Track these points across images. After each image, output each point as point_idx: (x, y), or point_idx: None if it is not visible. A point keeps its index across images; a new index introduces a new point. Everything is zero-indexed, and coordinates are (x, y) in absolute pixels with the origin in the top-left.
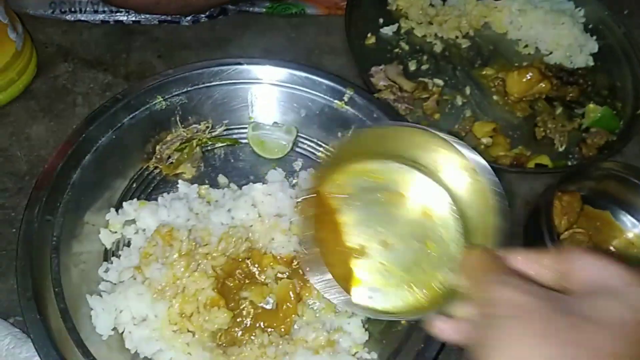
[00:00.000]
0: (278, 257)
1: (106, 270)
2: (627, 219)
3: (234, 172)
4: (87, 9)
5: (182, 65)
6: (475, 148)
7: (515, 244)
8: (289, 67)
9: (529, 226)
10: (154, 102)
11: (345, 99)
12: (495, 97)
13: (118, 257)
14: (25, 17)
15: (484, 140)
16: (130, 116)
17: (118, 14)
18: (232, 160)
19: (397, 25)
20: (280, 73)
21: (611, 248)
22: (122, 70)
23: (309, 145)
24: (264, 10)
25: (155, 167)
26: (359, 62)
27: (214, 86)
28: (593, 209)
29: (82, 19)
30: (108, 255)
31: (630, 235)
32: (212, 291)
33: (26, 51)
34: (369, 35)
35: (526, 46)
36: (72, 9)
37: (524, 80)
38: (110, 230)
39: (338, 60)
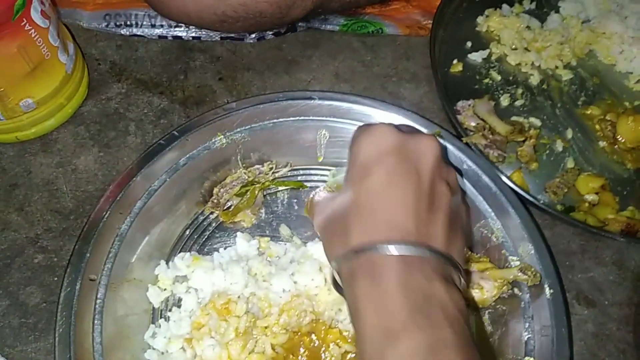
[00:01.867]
0: (345, 333)
1: (153, 335)
2: None
3: (297, 221)
4: (144, 22)
5: (246, 96)
6: (577, 207)
7: (623, 330)
8: (365, 104)
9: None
10: (213, 140)
11: None
12: (601, 144)
13: (167, 319)
14: (77, 30)
15: (589, 198)
16: (187, 155)
17: (177, 29)
18: (296, 207)
19: (487, 50)
20: (355, 110)
21: None
22: (180, 94)
23: None
24: (338, 28)
25: (211, 212)
26: (443, 94)
27: (280, 122)
28: None
29: (138, 33)
30: (156, 316)
31: None
32: None
33: (77, 73)
34: (455, 61)
35: (638, 81)
36: (128, 23)
37: (639, 127)
38: (160, 287)
39: (419, 89)
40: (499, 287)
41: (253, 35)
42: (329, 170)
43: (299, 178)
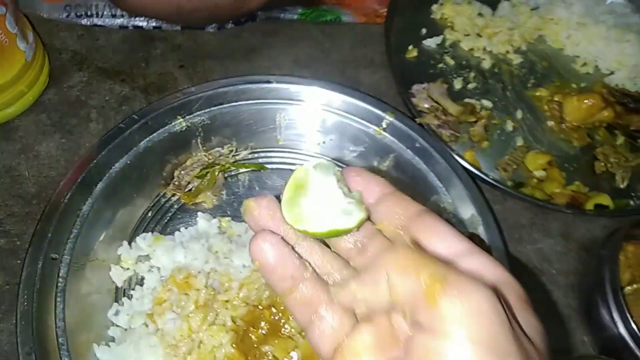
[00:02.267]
0: None
1: (116, 313)
2: None
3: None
4: (105, 12)
5: (206, 81)
6: (527, 182)
7: (569, 296)
8: (322, 86)
9: (586, 277)
10: (173, 123)
11: (384, 124)
12: (549, 123)
13: (129, 297)
14: (38, 20)
15: (537, 174)
16: (148, 139)
17: (138, 19)
18: (257, 188)
19: (441, 37)
20: (313, 93)
21: None
22: (141, 81)
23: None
24: (296, 17)
25: (173, 194)
26: (399, 79)
27: (239, 106)
28: None
29: (99, 23)
30: (119, 294)
31: None
32: (231, 347)
33: (37, 61)
34: (410, 47)
35: (585, 64)
36: (89, 13)
37: (584, 107)
38: (122, 267)
39: (376, 74)
40: None
41: (213, 24)
42: (289, 152)
43: (260, 160)
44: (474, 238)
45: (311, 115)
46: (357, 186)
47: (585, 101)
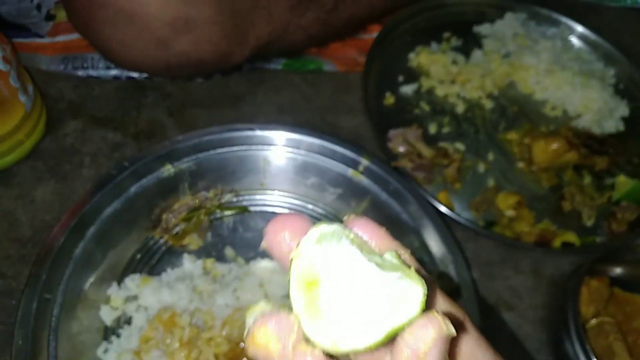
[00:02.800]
0: None
1: (105, 351)
2: None
3: (242, 243)
4: (100, 65)
5: (192, 129)
6: (498, 221)
7: (538, 330)
8: (302, 132)
9: (553, 312)
10: (162, 169)
11: (361, 168)
12: (519, 165)
13: (118, 336)
14: (37, 71)
15: (508, 213)
16: (137, 184)
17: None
18: (241, 230)
19: (417, 83)
20: (293, 139)
21: None
22: (132, 129)
23: (320, 215)
24: (280, 66)
25: (161, 237)
26: (376, 124)
27: (224, 152)
28: (623, 292)
29: (94, 75)
30: (108, 333)
31: None
32: None
33: (36, 111)
34: (388, 94)
35: (553, 108)
36: (85, 65)
37: (551, 149)
38: (112, 307)
39: (355, 119)
40: None
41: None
42: (271, 194)
43: (244, 203)
44: (443, 277)
45: (292, 159)
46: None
47: (552, 144)
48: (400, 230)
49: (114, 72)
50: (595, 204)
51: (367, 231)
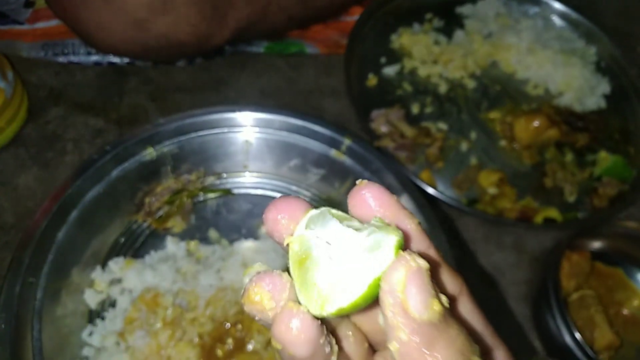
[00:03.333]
0: None
1: (90, 334)
2: None
3: (225, 225)
4: (81, 50)
5: (174, 113)
6: (481, 198)
7: (521, 305)
8: (283, 114)
9: (535, 286)
10: (144, 153)
11: (343, 148)
12: (502, 143)
13: (103, 318)
14: (17, 58)
15: (490, 190)
16: (119, 168)
17: (111, 56)
18: (225, 212)
19: (400, 64)
20: (275, 121)
21: (624, 311)
22: (114, 114)
23: (304, 196)
24: (262, 50)
25: (144, 221)
26: (358, 106)
27: (206, 135)
28: (605, 265)
29: (75, 60)
30: (93, 316)
31: None
32: None
33: (16, 98)
34: (370, 75)
35: (535, 87)
36: (65, 51)
37: (532, 127)
38: (96, 290)
39: (339, 102)
40: None
41: (183, 60)
42: (255, 176)
43: (227, 185)
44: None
45: (275, 140)
46: (369, 211)
47: (533, 121)
48: None
49: (95, 57)
50: (577, 180)
51: (375, 197)
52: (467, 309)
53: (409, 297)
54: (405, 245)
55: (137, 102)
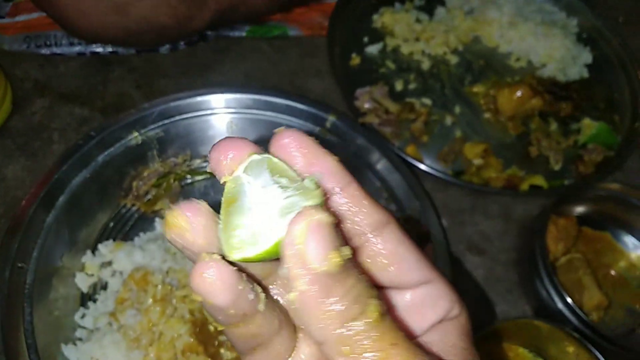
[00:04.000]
0: None
1: (82, 316)
2: (629, 240)
3: (214, 207)
4: (63, 42)
5: (159, 97)
6: (467, 170)
7: (510, 271)
8: (267, 94)
9: (523, 253)
10: (129, 138)
11: (328, 125)
12: (486, 116)
13: (94, 301)
14: (1, 53)
15: (475, 162)
16: (105, 153)
17: (94, 45)
18: (212, 194)
19: (382, 43)
20: (259, 101)
21: (612, 272)
22: (99, 103)
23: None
24: (245, 34)
25: (133, 205)
26: (342, 85)
27: (191, 117)
28: (592, 230)
29: (58, 52)
30: (85, 299)
31: (632, 256)
32: (189, 337)
33: (0, 90)
34: (353, 55)
35: (518, 59)
36: (48, 43)
37: (515, 97)
38: (87, 274)
39: (323, 82)
40: None
41: (167, 46)
42: None
43: None
44: (410, 220)
45: (260, 121)
46: (305, 166)
47: (516, 92)
48: (369, 183)
49: (78, 48)
50: (562, 148)
51: (294, 141)
52: (394, 239)
53: (308, 249)
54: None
55: (122, 90)
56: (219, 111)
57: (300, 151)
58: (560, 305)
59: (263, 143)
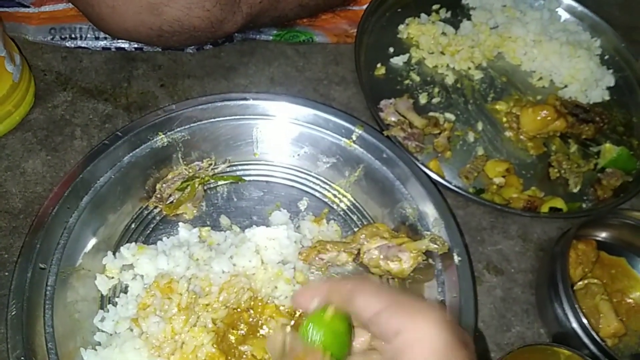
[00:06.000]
0: (281, 308)
1: (102, 320)
2: None
3: (236, 212)
4: (88, 35)
5: (185, 99)
6: (487, 188)
7: (527, 292)
8: (296, 102)
9: (541, 274)
10: (155, 139)
11: (354, 137)
12: (508, 134)
13: (114, 304)
14: (23, 43)
15: (497, 180)
16: (131, 154)
17: (120, 41)
18: (235, 199)
19: (407, 55)
20: (287, 109)
21: (629, 300)
22: (123, 100)
23: (314, 184)
24: (271, 38)
25: (155, 207)
26: (368, 95)
27: (217, 122)
28: (608, 255)
29: (83, 45)
30: (104, 302)
31: None
32: (211, 347)
33: (24, 82)
34: (378, 65)
35: (540, 79)
36: (73, 35)
37: (539, 118)
38: (107, 276)
39: (347, 91)
40: (414, 257)
41: (192, 46)
42: (265, 164)
43: (238, 173)
44: (436, 240)
45: (285, 129)
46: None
47: (540, 113)
48: (393, 196)
49: (103, 42)
50: (582, 171)
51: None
52: None
53: None
54: None
55: (146, 88)
56: (246, 117)
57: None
58: (578, 330)
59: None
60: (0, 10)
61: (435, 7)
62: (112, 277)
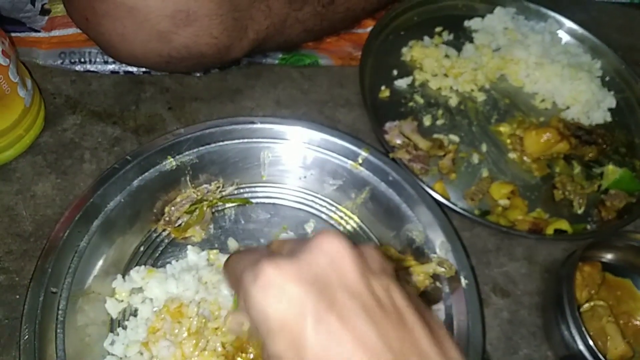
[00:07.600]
0: None
1: (112, 343)
2: None
3: (244, 234)
4: (97, 59)
5: (193, 122)
6: (492, 210)
7: (533, 315)
8: (303, 125)
9: (547, 297)
10: (164, 163)
11: (360, 159)
12: (512, 155)
13: (124, 327)
14: (33, 67)
15: (502, 202)
16: (140, 178)
17: (128, 65)
18: (243, 222)
19: (411, 77)
20: (294, 132)
21: (636, 322)
22: (131, 123)
23: (321, 206)
24: (277, 61)
25: (164, 230)
26: (372, 117)
27: (225, 145)
28: (614, 277)
29: (92, 69)
30: (114, 325)
31: None
32: None
33: (35, 106)
34: (383, 87)
35: (543, 100)
36: (82, 60)
37: (542, 140)
38: (117, 299)
39: (352, 113)
40: (422, 280)
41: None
42: (272, 186)
43: (245, 195)
44: (443, 263)
45: (293, 152)
46: None
47: (544, 135)
48: (400, 219)
49: (111, 66)
50: (585, 192)
51: None
52: None
53: None
54: None
55: (154, 111)
56: (254, 140)
57: None
58: (585, 353)
59: (296, 177)
60: (13, 36)
61: (438, 29)
62: (122, 301)
